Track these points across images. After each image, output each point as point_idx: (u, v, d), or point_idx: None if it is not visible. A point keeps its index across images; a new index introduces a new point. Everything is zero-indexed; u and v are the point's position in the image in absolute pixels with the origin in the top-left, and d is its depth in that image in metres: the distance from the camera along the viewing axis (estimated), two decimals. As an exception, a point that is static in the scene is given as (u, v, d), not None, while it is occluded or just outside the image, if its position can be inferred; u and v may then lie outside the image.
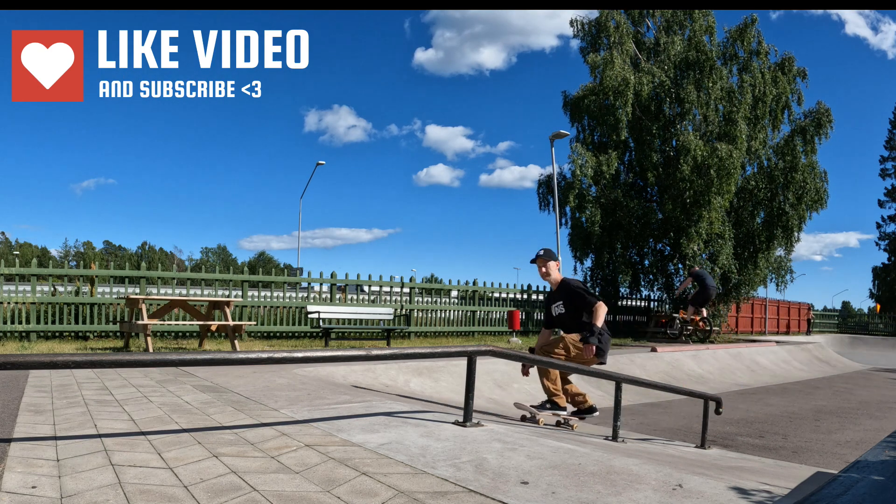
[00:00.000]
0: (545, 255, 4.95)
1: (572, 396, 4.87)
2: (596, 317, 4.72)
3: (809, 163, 17.06)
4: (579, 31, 17.97)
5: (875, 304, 40.17)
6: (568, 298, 4.90)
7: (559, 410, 4.75)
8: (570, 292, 4.88)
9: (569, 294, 4.89)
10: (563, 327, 4.98)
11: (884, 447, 3.14)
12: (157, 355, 2.54)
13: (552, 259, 4.97)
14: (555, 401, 4.75)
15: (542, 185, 18.35)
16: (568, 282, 4.95)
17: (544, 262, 4.93)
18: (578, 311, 4.85)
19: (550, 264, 4.96)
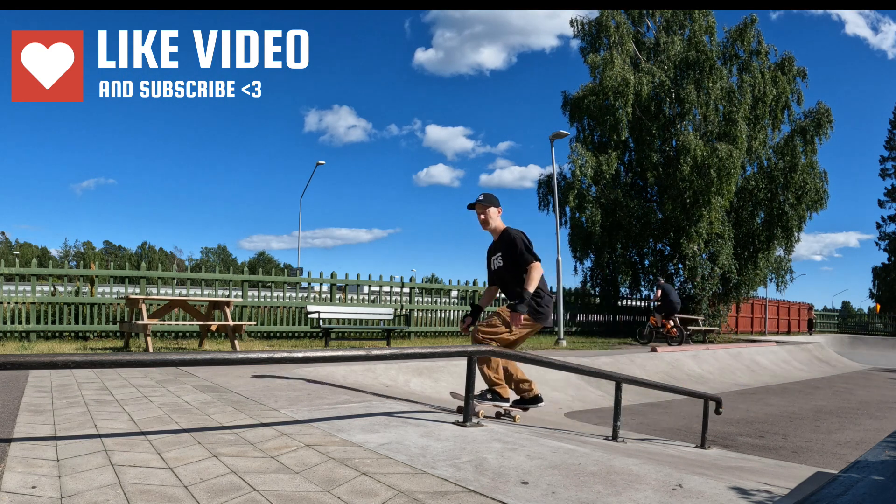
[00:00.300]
0: (485, 199, 4.40)
1: (517, 384, 4.41)
2: (528, 280, 4.12)
3: (809, 163, 17.07)
4: (579, 31, 17.99)
5: (875, 304, 40.19)
6: (507, 250, 4.32)
7: (501, 402, 4.29)
8: (509, 243, 4.29)
9: (507, 245, 4.31)
10: (503, 285, 4.45)
11: (884, 447, 3.14)
12: (157, 355, 2.54)
13: (493, 205, 4.39)
14: (496, 390, 4.28)
15: (542, 185, 18.37)
16: (509, 231, 4.33)
17: (483, 207, 4.37)
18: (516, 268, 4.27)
19: (491, 211, 4.38)
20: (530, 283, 4.10)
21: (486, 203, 4.38)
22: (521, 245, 4.21)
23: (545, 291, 4.28)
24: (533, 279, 4.12)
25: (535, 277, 4.13)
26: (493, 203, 4.39)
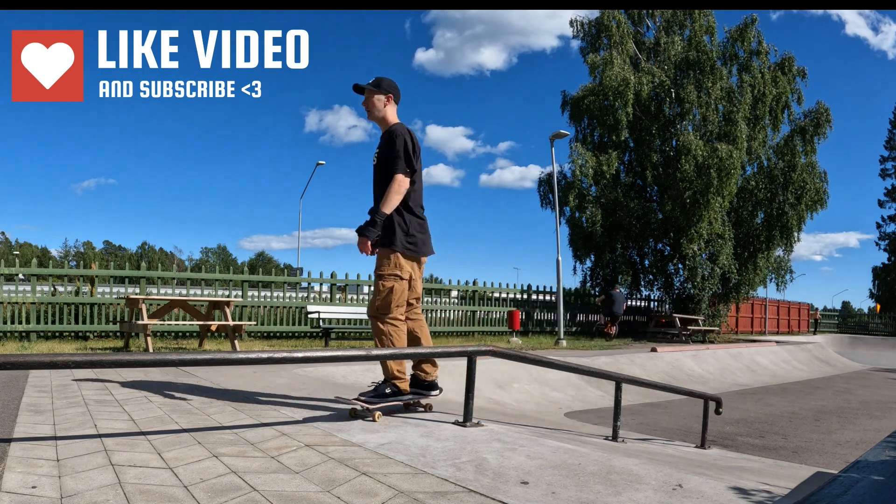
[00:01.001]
0: (375, 83, 3.47)
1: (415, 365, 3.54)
2: (385, 195, 3.25)
3: (809, 163, 17.08)
4: (579, 31, 18.00)
5: (875, 304, 40.20)
6: (382, 149, 3.42)
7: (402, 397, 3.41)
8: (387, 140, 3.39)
9: (384, 142, 3.41)
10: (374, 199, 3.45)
11: (884, 447, 3.14)
12: (157, 355, 2.54)
13: (384, 91, 3.46)
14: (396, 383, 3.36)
15: (542, 184, 18.39)
16: (394, 128, 3.39)
17: (371, 92, 3.44)
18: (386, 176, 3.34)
19: (378, 99, 3.45)
20: (386, 199, 3.24)
21: (375, 88, 3.45)
22: (398, 145, 3.30)
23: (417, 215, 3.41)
24: (391, 196, 3.24)
25: (394, 192, 3.24)
26: (385, 89, 3.46)
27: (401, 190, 3.26)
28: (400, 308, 3.34)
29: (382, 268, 3.33)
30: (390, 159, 3.30)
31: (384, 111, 3.47)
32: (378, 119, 3.49)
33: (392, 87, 3.49)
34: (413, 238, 3.35)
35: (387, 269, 3.31)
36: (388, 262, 3.31)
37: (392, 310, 3.31)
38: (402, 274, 3.32)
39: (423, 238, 3.44)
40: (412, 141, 3.36)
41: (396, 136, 3.34)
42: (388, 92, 3.47)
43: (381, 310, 3.31)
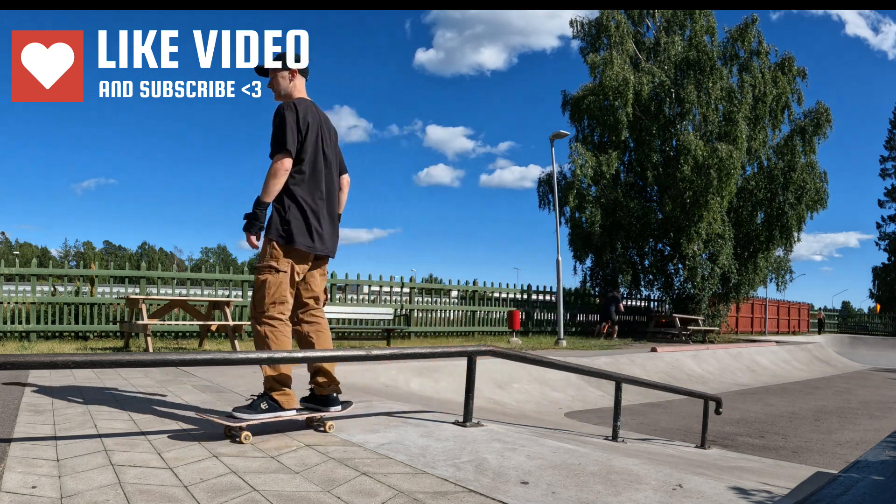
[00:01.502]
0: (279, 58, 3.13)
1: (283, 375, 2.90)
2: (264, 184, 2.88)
3: (809, 163, 17.09)
4: (579, 31, 18.00)
5: (875, 304, 40.21)
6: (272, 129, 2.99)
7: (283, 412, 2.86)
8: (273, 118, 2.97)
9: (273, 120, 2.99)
10: None
11: (884, 447, 3.14)
12: (157, 355, 2.54)
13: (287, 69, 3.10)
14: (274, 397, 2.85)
15: (542, 184, 18.38)
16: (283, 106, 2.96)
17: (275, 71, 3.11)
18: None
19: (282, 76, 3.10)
20: (264, 186, 2.87)
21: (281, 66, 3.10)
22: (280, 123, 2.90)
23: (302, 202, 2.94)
24: (268, 181, 2.86)
25: (270, 177, 2.86)
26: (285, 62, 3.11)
27: (278, 174, 2.86)
28: (278, 306, 2.87)
29: (259, 259, 2.95)
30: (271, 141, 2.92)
31: (290, 87, 3.11)
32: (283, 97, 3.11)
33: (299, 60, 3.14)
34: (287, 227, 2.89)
35: (262, 260, 2.91)
36: (264, 253, 2.91)
37: (267, 307, 2.85)
38: (280, 266, 2.87)
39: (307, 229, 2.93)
40: (298, 117, 2.93)
41: (282, 111, 2.93)
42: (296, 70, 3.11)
43: (257, 307, 2.88)
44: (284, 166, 2.87)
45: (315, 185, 3.00)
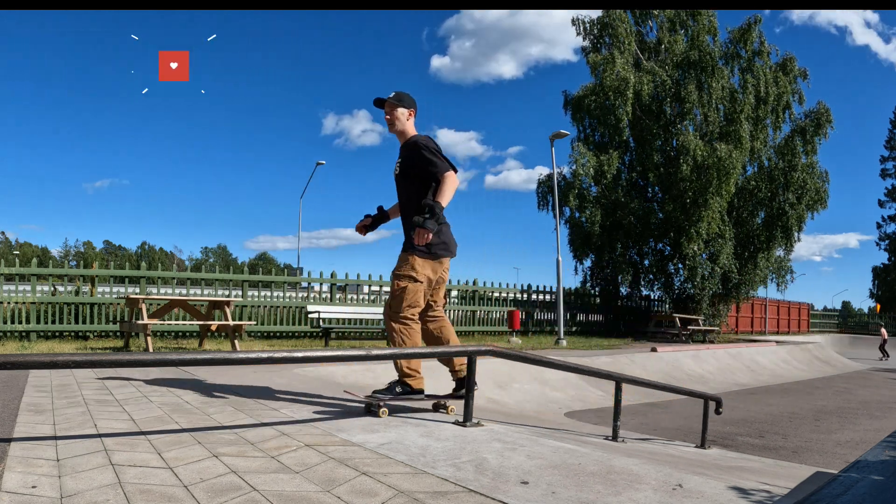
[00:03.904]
0: (395, 96, 3.65)
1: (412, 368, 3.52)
2: (441, 190, 3.37)
3: (809, 163, 17.09)
4: (581, 30, 17.98)
5: (875, 304, 40.21)
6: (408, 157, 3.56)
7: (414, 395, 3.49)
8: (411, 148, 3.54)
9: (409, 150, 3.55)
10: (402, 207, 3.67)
11: (884, 447, 3.14)
12: (157, 355, 2.54)
13: (405, 105, 3.65)
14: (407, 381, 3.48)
15: (541, 185, 18.38)
16: (418, 138, 3.56)
17: (392, 106, 3.63)
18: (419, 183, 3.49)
19: (401, 111, 3.63)
20: (441, 193, 3.35)
21: (395, 101, 3.63)
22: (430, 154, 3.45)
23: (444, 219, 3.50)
24: (445, 189, 3.36)
25: (448, 187, 3.37)
26: (406, 103, 3.66)
27: (454, 186, 3.40)
28: (412, 308, 3.42)
29: (399, 268, 3.46)
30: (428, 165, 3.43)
31: (406, 125, 3.66)
32: (398, 132, 3.66)
33: (413, 103, 3.70)
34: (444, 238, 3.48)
35: (403, 269, 3.44)
36: (405, 263, 3.44)
37: (403, 309, 3.40)
38: (419, 276, 3.42)
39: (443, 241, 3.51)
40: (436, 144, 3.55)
41: (427, 142, 3.51)
42: (411, 107, 3.68)
43: (394, 308, 3.41)
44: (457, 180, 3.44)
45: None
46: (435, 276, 3.52)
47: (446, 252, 3.53)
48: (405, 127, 3.65)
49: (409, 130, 3.66)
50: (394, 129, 3.66)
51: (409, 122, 3.67)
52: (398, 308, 3.39)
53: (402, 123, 3.64)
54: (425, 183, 3.47)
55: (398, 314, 3.39)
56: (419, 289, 3.42)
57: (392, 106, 3.62)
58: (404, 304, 3.39)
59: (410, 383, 3.44)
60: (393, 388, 3.42)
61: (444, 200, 3.34)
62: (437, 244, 3.45)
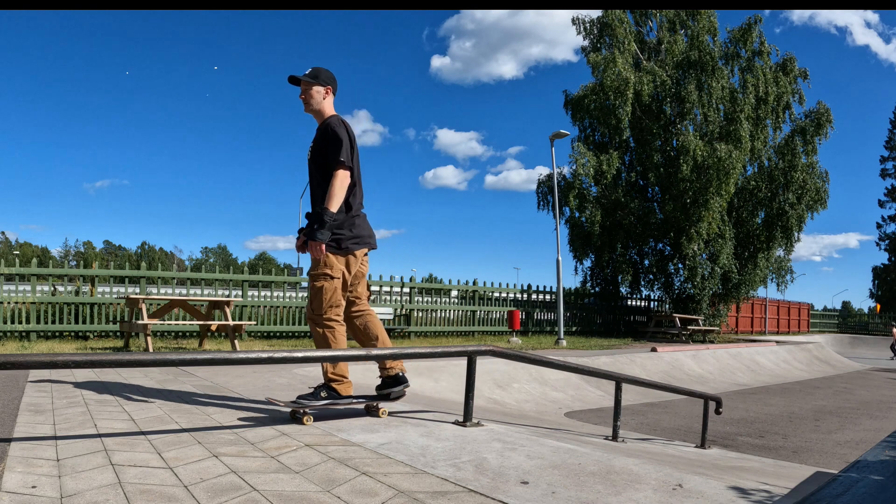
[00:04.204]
0: (311, 74, 3.34)
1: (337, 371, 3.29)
2: (329, 193, 3.12)
3: (810, 163, 17.09)
4: (581, 30, 17.98)
5: (875, 304, 40.22)
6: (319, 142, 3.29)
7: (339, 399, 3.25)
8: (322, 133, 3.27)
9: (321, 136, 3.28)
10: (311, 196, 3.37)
11: (884, 447, 3.14)
12: (157, 355, 2.54)
13: (322, 83, 3.34)
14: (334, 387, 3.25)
15: (541, 185, 18.38)
16: (330, 120, 3.27)
17: (309, 85, 3.33)
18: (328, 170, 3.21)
19: (317, 91, 3.33)
20: (330, 197, 3.11)
21: (311, 78, 3.33)
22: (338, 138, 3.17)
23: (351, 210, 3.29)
24: (335, 192, 3.11)
25: (338, 189, 3.12)
26: (322, 80, 3.35)
27: (344, 186, 3.15)
28: (334, 309, 3.21)
29: (313, 268, 3.23)
30: (330, 153, 3.18)
31: (322, 104, 3.36)
32: (315, 111, 3.37)
33: (331, 79, 3.40)
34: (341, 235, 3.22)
35: (317, 268, 3.21)
36: (318, 263, 3.21)
37: (325, 311, 3.20)
38: (334, 273, 3.20)
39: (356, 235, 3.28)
40: (350, 134, 3.25)
41: (335, 127, 3.21)
42: (327, 84, 3.37)
43: (315, 311, 3.21)
44: (348, 178, 3.19)
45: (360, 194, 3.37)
46: (352, 272, 3.29)
47: (360, 245, 3.30)
48: (321, 106, 3.35)
49: (326, 110, 3.37)
50: (309, 109, 3.37)
51: (327, 101, 3.37)
52: (319, 310, 3.20)
53: (317, 103, 3.34)
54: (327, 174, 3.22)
55: (321, 317, 3.20)
56: (336, 286, 3.21)
57: (307, 84, 3.33)
58: (324, 304, 3.19)
59: (337, 388, 3.23)
60: (318, 394, 3.20)
61: (332, 206, 3.11)
62: (349, 238, 3.24)
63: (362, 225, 3.34)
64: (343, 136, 3.18)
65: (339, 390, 3.22)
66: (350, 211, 3.26)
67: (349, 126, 3.28)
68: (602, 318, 17.52)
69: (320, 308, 3.19)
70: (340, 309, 3.25)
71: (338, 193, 3.12)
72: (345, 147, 3.15)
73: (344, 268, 3.24)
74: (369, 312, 3.46)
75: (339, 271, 3.22)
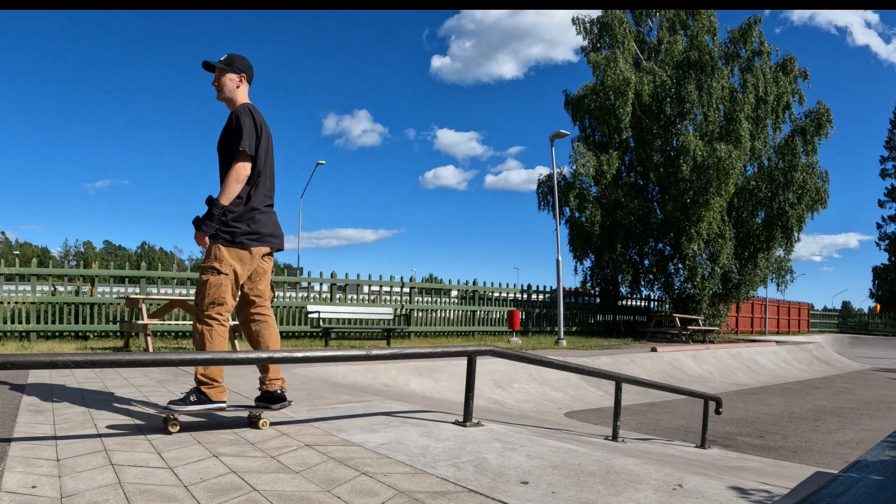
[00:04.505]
0: (226, 61, 3.21)
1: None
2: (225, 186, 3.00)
3: (810, 163, 17.09)
4: (581, 30, 17.98)
5: (875, 304, 40.21)
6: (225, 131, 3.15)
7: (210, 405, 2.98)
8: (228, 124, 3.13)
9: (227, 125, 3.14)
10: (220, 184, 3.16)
11: (884, 447, 3.14)
12: (157, 355, 2.54)
13: (235, 71, 3.21)
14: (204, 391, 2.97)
15: (541, 185, 18.37)
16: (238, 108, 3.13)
17: (222, 72, 3.20)
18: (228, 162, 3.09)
19: (230, 78, 3.20)
20: (225, 189, 2.99)
21: (224, 65, 3.19)
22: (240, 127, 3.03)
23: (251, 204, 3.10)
24: (230, 183, 2.99)
25: (232, 181, 2.99)
26: (236, 67, 3.22)
27: (240, 178, 3.01)
28: (218, 306, 3.00)
29: (204, 259, 3.07)
30: (233, 143, 3.03)
31: (235, 92, 3.22)
32: (227, 100, 3.23)
33: (246, 67, 3.27)
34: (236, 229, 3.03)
35: (207, 260, 3.05)
36: (209, 254, 3.05)
37: (206, 307, 3.00)
38: (222, 268, 3.01)
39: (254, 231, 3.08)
40: (256, 122, 3.11)
41: (240, 115, 3.07)
42: (242, 71, 3.23)
43: (198, 305, 3.03)
44: (247, 170, 3.03)
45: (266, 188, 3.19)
46: (246, 269, 3.08)
47: (257, 243, 3.08)
48: (234, 95, 3.21)
49: (239, 99, 3.22)
50: (221, 97, 3.23)
51: (240, 89, 3.23)
52: (201, 305, 3.01)
53: (230, 91, 3.21)
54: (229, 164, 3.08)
55: (202, 312, 3.01)
56: (223, 282, 3.00)
57: (221, 70, 3.19)
58: (206, 300, 2.99)
59: (207, 393, 2.96)
60: (188, 398, 2.95)
61: (223, 198, 2.98)
62: (244, 233, 3.04)
63: (265, 221, 3.14)
64: (246, 125, 3.04)
65: (209, 395, 2.96)
66: (249, 203, 3.08)
67: (258, 114, 3.17)
68: (602, 318, 17.53)
69: (202, 303, 3.01)
70: (224, 308, 3.02)
71: (231, 185, 2.99)
72: (246, 136, 3.01)
73: (236, 263, 3.04)
74: (267, 320, 3.22)
75: (229, 267, 3.03)
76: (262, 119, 3.20)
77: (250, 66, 3.29)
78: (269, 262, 3.24)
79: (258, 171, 3.11)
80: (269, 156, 3.20)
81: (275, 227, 3.23)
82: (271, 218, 3.21)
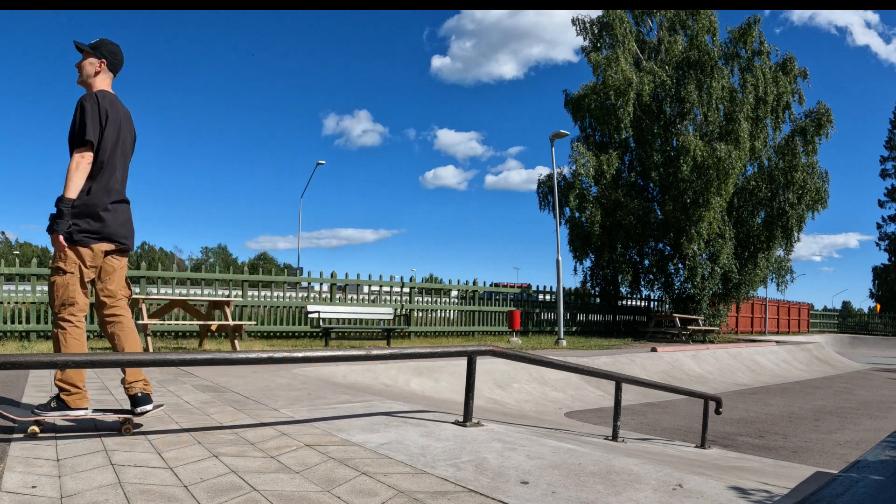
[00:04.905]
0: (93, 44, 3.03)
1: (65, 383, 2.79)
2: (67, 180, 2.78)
3: (810, 163, 17.08)
4: (581, 30, 17.98)
5: (875, 304, 40.21)
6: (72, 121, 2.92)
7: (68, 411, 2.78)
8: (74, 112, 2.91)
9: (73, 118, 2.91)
10: None
11: (884, 447, 3.14)
12: (157, 355, 2.54)
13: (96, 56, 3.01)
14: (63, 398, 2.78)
15: (541, 185, 18.37)
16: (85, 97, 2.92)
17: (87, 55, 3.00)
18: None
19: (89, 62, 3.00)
20: (67, 183, 2.77)
21: (88, 48, 3.00)
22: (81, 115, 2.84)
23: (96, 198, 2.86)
24: (70, 176, 2.77)
25: (72, 172, 2.77)
26: (100, 52, 3.01)
27: (82, 168, 2.79)
28: (69, 307, 2.82)
29: (52, 259, 2.90)
30: (77, 132, 2.83)
31: (93, 77, 3.00)
32: (84, 84, 3.02)
33: (111, 54, 3.04)
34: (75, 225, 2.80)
35: (53, 260, 2.87)
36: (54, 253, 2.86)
37: (58, 309, 2.82)
38: (67, 266, 2.81)
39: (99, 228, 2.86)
40: (101, 109, 2.88)
41: (84, 103, 2.86)
42: (104, 57, 3.02)
43: (52, 309, 2.85)
44: (87, 160, 2.81)
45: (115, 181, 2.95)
46: (92, 267, 2.88)
47: (96, 240, 2.85)
48: (91, 80, 2.99)
49: (96, 85, 2.99)
50: (80, 81, 3.02)
51: (99, 76, 3.00)
52: (53, 308, 2.84)
53: (87, 75, 2.99)
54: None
55: (55, 315, 2.83)
56: (69, 282, 2.82)
57: (84, 53, 3.00)
58: (56, 302, 2.82)
59: (66, 400, 2.77)
60: (49, 404, 2.79)
61: (68, 192, 2.75)
62: (83, 230, 2.82)
63: (110, 218, 2.89)
64: (88, 112, 2.83)
65: (67, 402, 2.77)
66: (90, 197, 2.84)
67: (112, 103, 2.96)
68: (602, 318, 17.52)
69: (54, 305, 2.84)
70: (76, 308, 2.84)
71: (73, 177, 2.76)
72: (89, 125, 2.80)
73: (79, 261, 2.83)
74: (121, 321, 2.99)
75: (74, 265, 2.82)
76: (120, 109, 3.00)
77: (118, 55, 3.09)
78: (120, 260, 3.02)
79: (101, 163, 2.87)
80: (119, 147, 2.96)
81: (123, 224, 2.97)
82: (119, 214, 2.96)
